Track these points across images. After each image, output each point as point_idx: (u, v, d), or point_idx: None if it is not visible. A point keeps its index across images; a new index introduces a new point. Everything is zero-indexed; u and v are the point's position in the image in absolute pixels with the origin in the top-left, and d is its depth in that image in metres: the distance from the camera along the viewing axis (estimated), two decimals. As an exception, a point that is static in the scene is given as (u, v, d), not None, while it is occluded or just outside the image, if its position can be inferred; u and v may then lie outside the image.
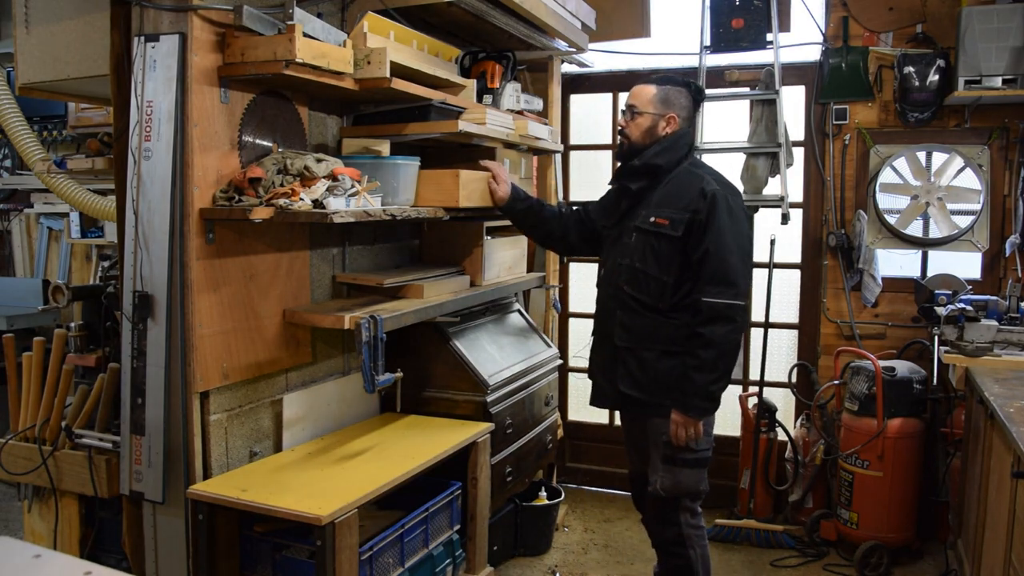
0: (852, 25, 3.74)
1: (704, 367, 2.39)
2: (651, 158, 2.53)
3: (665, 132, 2.55)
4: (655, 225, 2.49)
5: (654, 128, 2.55)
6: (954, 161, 3.62)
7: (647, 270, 2.49)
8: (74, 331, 2.57)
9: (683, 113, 2.57)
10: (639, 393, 2.52)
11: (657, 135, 2.55)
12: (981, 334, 3.00)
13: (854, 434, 3.38)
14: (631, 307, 2.53)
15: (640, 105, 2.56)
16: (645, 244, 2.50)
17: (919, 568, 3.40)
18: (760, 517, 3.69)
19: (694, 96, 2.61)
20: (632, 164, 2.58)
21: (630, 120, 2.58)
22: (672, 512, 2.52)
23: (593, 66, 4.20)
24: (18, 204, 4.85)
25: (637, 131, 2.57)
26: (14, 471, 2.50)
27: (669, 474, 2.51)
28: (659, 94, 2.56)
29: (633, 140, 2.57)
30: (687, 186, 2.49)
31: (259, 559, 2.24)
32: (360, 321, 2.28)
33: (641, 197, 2.57)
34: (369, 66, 2.33)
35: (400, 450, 2.50)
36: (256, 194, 2.16)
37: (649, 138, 2.55)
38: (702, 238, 2.41)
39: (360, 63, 2.33)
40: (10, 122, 3.37)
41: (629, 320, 2.53)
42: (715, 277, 2.39)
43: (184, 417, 2.14)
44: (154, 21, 2.09)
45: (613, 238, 2.66)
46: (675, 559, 2.55)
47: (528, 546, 3.49)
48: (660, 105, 2.55)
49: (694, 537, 2.54)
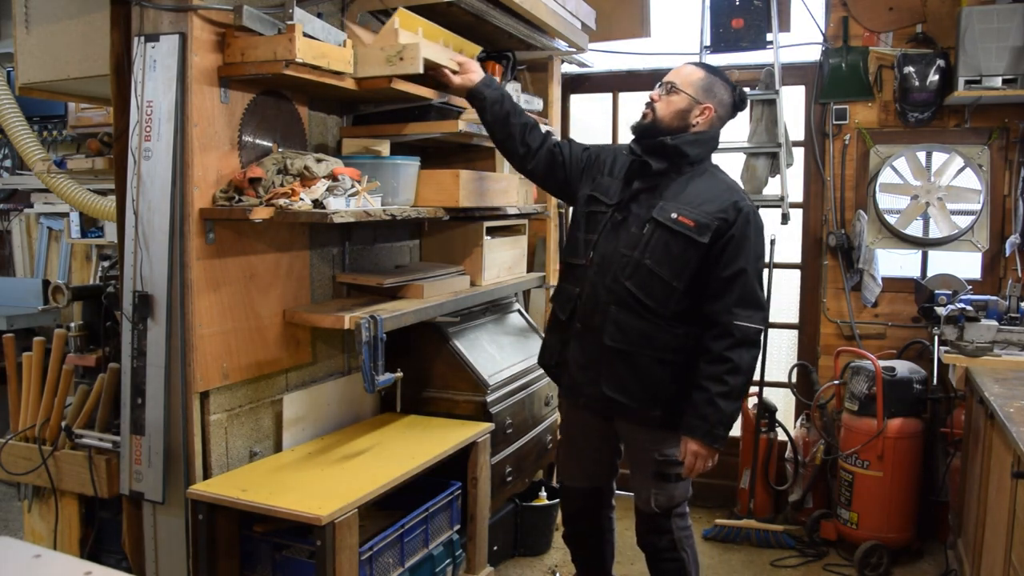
0: (852, 25, 3.74)
1: (731, 394, 2.24)
2: (684, 144, 2.31)
3: (696, 121, 2.34)
4: (677, 223, 2.26)
5: (687, 112, 2.33)
6: (954, 161, 3.62)
7: (659, 271, 2.27)
8: (74, 331, 2.57)
9: (720, 111, 2.36)
10: (626, 399, 2.33)
11: (687, 121, 2.33)
12: (981, 334, 3.00)
13: (854, 434, 3.38)
14: (630, 306, 2.30)
15: (680, 84, 2.34)
16: (661, 241, 2.27)
17: (919, 568, 3.40)
18: (760, 517, 3.68)
19: (736, 100, 2.42)
20: (662, 140, 2.32)
21: (663, 95, 2.35)
22: (665, 521, 2.45)
23: (593, 66, 4.20)
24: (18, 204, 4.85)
25: (667, 109, 2.33)
26: (14, 471, 2.50)
27: (663, 492, 2.41)
28: (704, 81, 2.34)
29: (658, 116, 2.34)
30: (716, 191, 2.31)
31: (259, 559, 2.24)
32: (360, 321, 2.28)
33: (657, 183, 2.34)
34: (402, 62, 2.28)
35: (400, 450, 2.50)
36: (256, 194, 2.16)
37: (677, 121, 2.33)
38: (736, 257, 2.25)
39: (392, 60, 2.28)
40: (10, 122, 3.36)
41: (626, 320, 2.30)
42: (747, 300, 2.24)
43: (184, 417, 2.14)
44: (154, 21, 2.09)
45: (615, 222, 2.36)
46: (668, 563, 2.51)
47: (528, 546, 3.48)
48: (701, 92, 2.33)
49: (685, 539, 2.49)
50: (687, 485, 2.47)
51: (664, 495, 2.43)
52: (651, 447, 2.42)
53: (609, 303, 2.33)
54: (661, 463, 2.40)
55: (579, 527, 2.70)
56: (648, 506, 2.45)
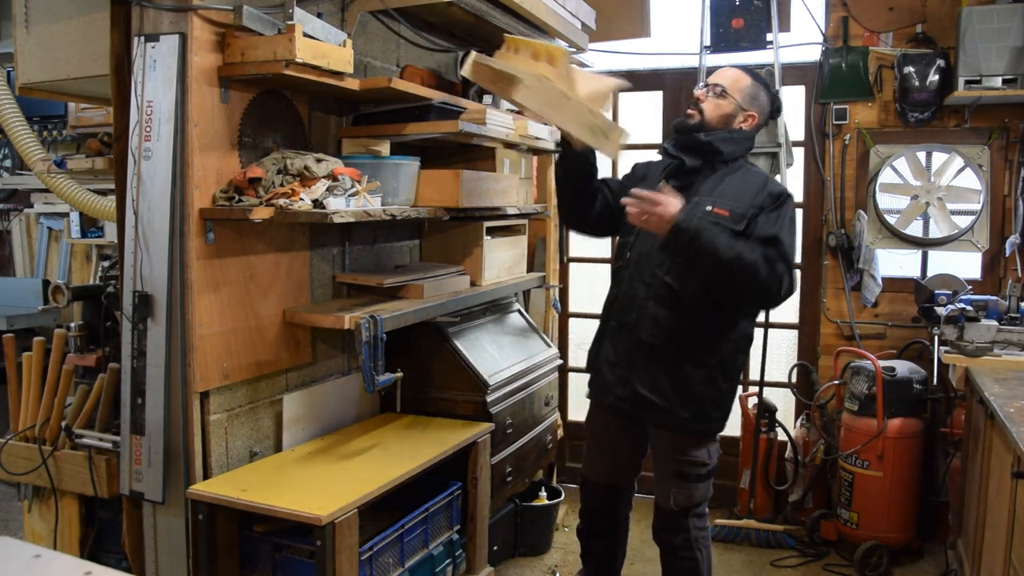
0: (852, 25, 3.74)
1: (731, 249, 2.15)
2: (718, 140, 2.35)
3: (740, 127, 2.39)
4: (713, 215, 2.26)
5: (733, 117, 2.38)
6: (954, 161, 3.62)
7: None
8: (74, 331, 2.57)
9: (760, 119, 2.43)
10: (659, 398, 2.34)
11: (730, 126, 2.38)
12: (981, 334, 3.00)
13: (854, 434, 3.38)
14: (669, 301, 2.31)
15: (730, 88, 2.37)
16: None
17: (919, 568, 3.40)
18: (760, 517, 3.69)
19: (772, 110, 2.47)
20: (697, 137, 2.36)
21: (711, 97, 2.38)
22: (683, 519, 2.47)
23: (593, 66, 4.20)
24: (18, 204, 4.85)
25: (716, 111, 2.36)
26: (14, 471, 2.50)
27: (683, 490, 2.43)
28: (751, 88, 2.40)
29: (707, 117, 2.37)
30: (750, 184, 2.33)
31: (259, 559, 2.24)
32: (360, 321, 2.28)
33: (691, 180, 2.37)
34: (607, 140, 2.30)
35: (400, 450, 2.49)
36: (256, 194, 2.16)
37: (722, 124, 2.37)
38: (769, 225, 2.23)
39: (596, 131, 2.28)
40: (10, 122, 3.36)
41: (664, 315, 2.31)
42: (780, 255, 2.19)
43: (184, 417, 2.14)
44: (154, 21, 2.09)
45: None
46: (683, 561, 2.51)
47: (528, 546, 3.49)
48: (748, 99, 2.39)
49: (701, 539, 2.49)
50: (708, 486, 2.47)
51: (684, 493, 2.44)
52: (674, 449, 2.42)
53: (647, 299, 2.35)
54: (683, 463, 2.41)
55: (596, 523, 2.69)
56: (667, 503, 2.46)
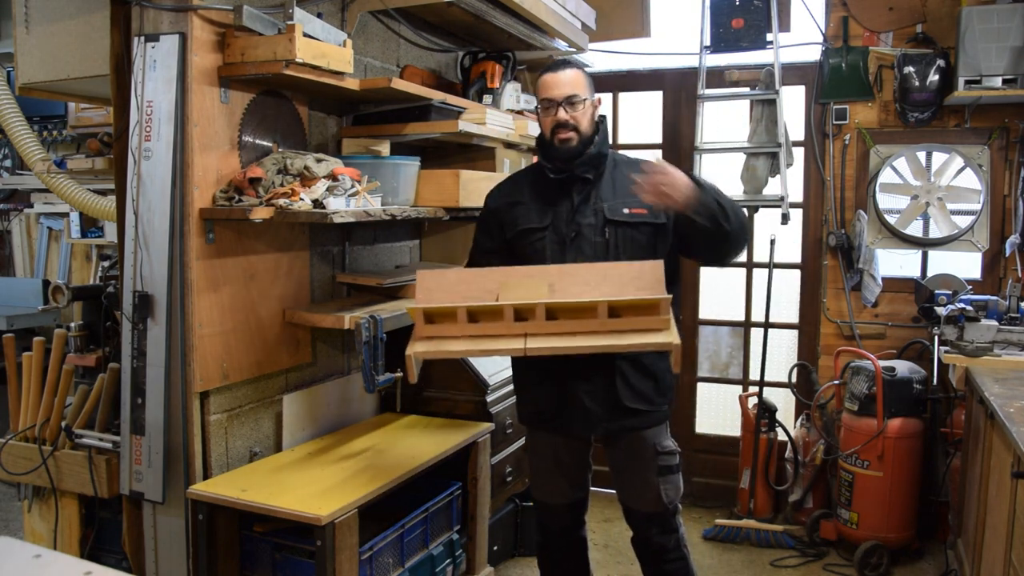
0: (852, 25, 3.74)
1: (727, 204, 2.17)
2: (600, 146, 2.32)
3: (597, 117, 2.36)
4: (633, 216, 2.26)
5: (594, 114, 2.34)
6: (954, 161, 3.62)
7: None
8: (74, 331, 2.57)
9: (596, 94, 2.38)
10: (644, 404, 2.31)
11: (595, 121, 2.34)
12: (981, 334, 3.00)
13: (854, 434, 3.38)
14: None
15: (581, 92, 2.30)
16: (626, 238, 2.26)
17: (919, 568, 3.40)
18: (760, 517, 3.69)
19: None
20: (589, 153, 2.30)
21: (573, 112, 2.28)
22: (672, 518, 2.45)
23: (593, 66, 4.20)
24: (18, 204, 4.85)
25: (586, 121, 2.30)
26: (14, 471, 2.50)
27: (671, 483, 2.40)
28: (586, 77, 2.34)
29: (583, 131, 2.29)
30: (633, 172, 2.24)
31: (259, 559, 2.24)
32: (360, 321, 2.28)
33: (588, 190, 2.32)
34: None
35: (400, 450, 2.49)
36: (256, 194, 2.16)
37: (592, 127, 2.32)
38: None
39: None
40: (10, 122, 3.37)
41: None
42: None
43: (184, 417, 2.14)
44: (154, 21, 2.09)
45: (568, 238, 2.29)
46: (675, 563, 2.50)
47: (528, 546, 3.48)
48: (589, 88, 2.33)
49: (685, 537, 2.49)
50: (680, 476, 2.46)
51: (672, 487, 2.42)
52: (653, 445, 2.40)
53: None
54: (662, 455, 2.39)
55: (560, 544, 2.59)
56: (659, 503, 2.41)
